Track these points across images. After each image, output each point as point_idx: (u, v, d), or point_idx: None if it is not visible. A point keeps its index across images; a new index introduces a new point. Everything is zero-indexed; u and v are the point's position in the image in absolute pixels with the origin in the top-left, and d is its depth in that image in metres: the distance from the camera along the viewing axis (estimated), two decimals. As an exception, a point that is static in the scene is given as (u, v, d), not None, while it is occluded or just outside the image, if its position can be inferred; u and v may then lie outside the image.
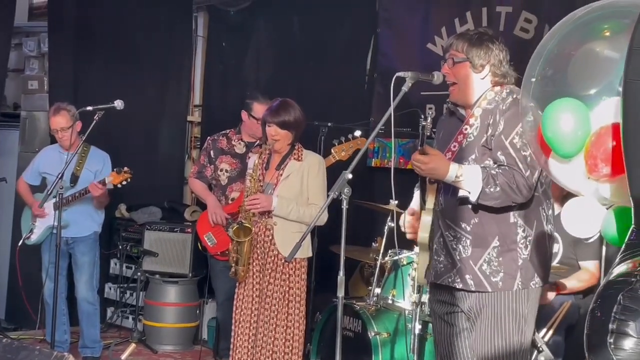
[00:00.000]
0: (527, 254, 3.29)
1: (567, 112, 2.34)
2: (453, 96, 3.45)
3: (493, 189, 3.17)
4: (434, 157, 3.23)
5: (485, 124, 3.30)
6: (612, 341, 2.02)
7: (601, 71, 2.35)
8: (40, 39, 7.20)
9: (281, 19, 6.94)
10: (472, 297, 3.33)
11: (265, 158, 4.72)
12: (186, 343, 6.43)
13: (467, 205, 3.29)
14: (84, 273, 5.58)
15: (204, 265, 6.17)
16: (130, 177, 5.29)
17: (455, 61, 3.38)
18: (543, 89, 2.45)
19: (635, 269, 2.09)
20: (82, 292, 5.59)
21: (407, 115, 5.11)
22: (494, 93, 3.36)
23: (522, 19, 5.35)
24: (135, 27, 7.12)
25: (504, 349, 3.30)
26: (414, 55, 5.96)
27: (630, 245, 2.17)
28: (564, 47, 2.42)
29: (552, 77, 2.44)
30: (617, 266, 2.16)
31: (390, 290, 4.70)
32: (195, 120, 7.66)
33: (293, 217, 4.55)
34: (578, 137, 2.34)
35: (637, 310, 2.01)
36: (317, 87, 6.52)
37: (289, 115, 4.61)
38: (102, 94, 5.79)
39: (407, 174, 5.59)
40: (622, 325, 2.01)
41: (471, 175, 3.20)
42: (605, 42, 2.36)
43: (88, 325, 5.63)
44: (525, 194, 3.21)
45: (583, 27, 2.39)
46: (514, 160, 3.19)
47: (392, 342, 4.53)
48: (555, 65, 2.44)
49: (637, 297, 2.02)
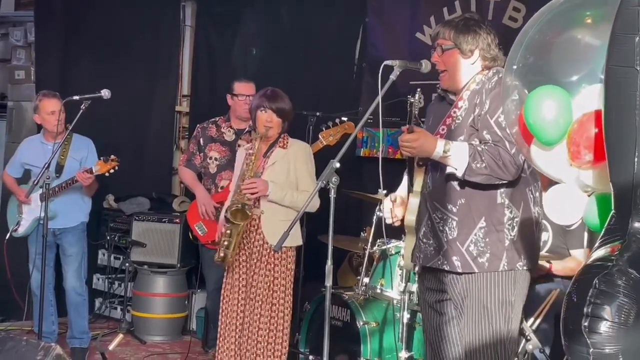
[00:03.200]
0: (513, 235, 3.30)
1: (549, 99, 2.34)
2: (444, 83, 3.46)
3: (480, 164, 3.18)
4: (420, 133, 3.25)
5: (472, 105, 3.32)
6: (586, 325, 2.02)
7: (583, 58, 2.35)
8: (27, 29, 7.15)
9: (269, 9, 6.91)
10: (459, 283, 3.34)
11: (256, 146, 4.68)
12: (175, 334, 6.43)
13: (454, 187, 3.31)
14: (72, 264, 5.55)
15: (193, 255, 6.17)
16: (117, 164, 5.26)
17: (444, 49, 3.38)
18: (524, 76, 2.45)
19: (612, 253, 2.10)
20: (71, 283, 5.56)
21: (395, 105, 5.10)
22: (482, 75, 3.38)
23: (510, 7, 5.35)
24: (123, 17, 7.07)
25: (491, 336, 3.32)
26: (403, 44, 5.96)
27: (610, 231, 2.18)
28: (545, 35, 2.42)
29: (533, 65, 2.44)
30: (595, 251, 2.17)
31: (378, 279, 4.70)
32: (184, 111, 7.64)
33: (287, 203, 4.53)
34: (560, 124, 2.34)
35: (612, 294, 2.01)
36: (306, 77, 6.51)
37: (284, 104, 4.61)
38: (89, 84, 5.74)
39: (396, 164, 5.63)
40: (597, 309, 2.01)
41: (458, 151, 3.21)
42: (587, 29, 2.36)
43: (76, 316, 5.60)
44: (512, 171, 3.21)
45: (564, 14, 2.39)
46: (500, 137, 3.20)
47: (380, 331, 4.54)
48: (537, 52, 2.43)
49: (612, 281, 2.03)
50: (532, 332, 3.84)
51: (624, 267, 2.04)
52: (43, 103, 5.45)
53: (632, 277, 2.03)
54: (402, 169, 3.61)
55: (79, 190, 5.51)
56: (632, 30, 2.06)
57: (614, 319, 1.99)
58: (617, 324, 1.99)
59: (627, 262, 2.06)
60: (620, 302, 2.00)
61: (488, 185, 3.26)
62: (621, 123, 2.10)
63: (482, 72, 3.39)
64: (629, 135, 2.08)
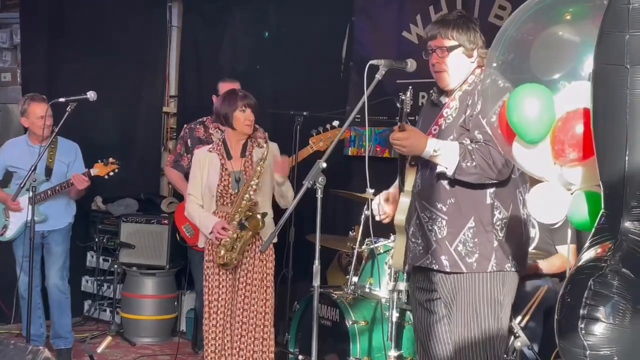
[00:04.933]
0: (502, 235, 3.30)
1: (532, 97, 2.34)
2: (443, 82, 3.40)
3: (470, 163, 3.18)
4: (411, 132, 3.25)
5: (464, 105, 3.31)
6: (582, 326, 2.02)
7: (564, 55, 2.35)
8: (12, 31, 7.13)
9: (257, 8, 6.90)
10: (449, 281, 3.35)
11: (222, 152, 4.66)
12: (164, 335, 6.42)
13: (444, 186, 3.30)
14: (56, 262, 5.53)
15: (182, 256, 6.16)
16: (117, 167, 5.26)
17: (450, 48, 3.33)
18: (504, 74, 2.44)
19: (604, 253, 2.09)
20: (54, 280, 5.52)
21: (382, 104, 5.11)
22: (474, 76, 3.37)
23: (496, 5, 5.36)
24: (109, 18, 7.05)
25: (481, 335, 3.32)
26: (390, 43, 5.95)
27: (600, 230, 2.18)
28: (524, 32, 2.41)
29: (512, 63, 2.44)
30: (586, 251, 2.17)
31: (367, 278, 4.70)
32: (171, 111, 7.62)
33: (291, 193, 4.68)
34: (543, 123, 2.34)
35: (607, 295, 2.01)
36: (293, 76, 6.50)
37: (255, 101, 4.63)
38: (76, 86, 5.70)
39: (383, 163, 5.63)
40: (593, 310, 2.01)
41: (448, 150, 3.21)
42: (567, 26, 2.36)
43: (59, 315, 5.56)
44: (503, 171, 3.21)
45: (544, 11, 2.38)
46: (491, 137, 3.17)
47: (369, 330, 4.54)
48: (516, 50, 2.43)
49: (607, 282, 2.02)
50: (521, 329, 3.85)
51: (618, 267, 2.04)
52: (32, 108, 5.41)
53: (626, 277, 2.03)
54: (390, 168, 3.62)
55: (67, 193, 5.49)
56: (622, 28, 2.05)
57: (609, 320, 1.99)
58: (613, 325, 1.99)
59: (619, 262, 2.05)
60: (615, 302, 2.00)
61: (477, 185, 3.26)
62: (611, 122, 2.10)
63: (473, 73, 3.38)
64: (620, 134, 2.07)
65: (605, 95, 2.10)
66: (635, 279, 2.02)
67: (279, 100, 6.48)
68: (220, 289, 4.59)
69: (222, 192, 4.57)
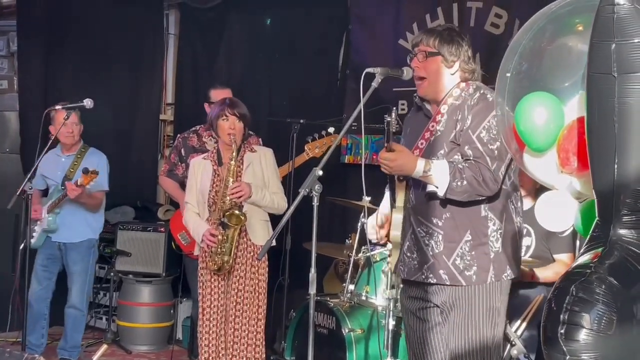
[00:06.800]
0: (498, 246, 3.31)
1: (540, 105, 2.35)
2: (422, 90, 3.45)
3: (460, 182, 3.19)
4: (400, 153, 3.26)
5: (453, 120, 3.32)
6: (562, 332, 2.01)
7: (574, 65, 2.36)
8: (9, 38, 7.13)
9: (253, 16, 6.91)
10: (445, 291, 3.35)
11: (214, 159, 4.68)
12: (160, 343, 6.40)
13: (438, 201, 3.31)
14: (75, 281, 5.57)
15: (178, 264, 6.15)
16: (95, 177, 5.26)
17: (428, 54, 3.37)
18: (518, 83, 2.45)
19: (592, 260, 2.10)
20: (72, 299, 5.59)
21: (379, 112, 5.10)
22: (460, 90, 3.38)
23: (492, 14, 5.37)
24: (106, 26, 7.06)
25: (477, 342, 3.32)
26: (386, 51, 5.97)
27: (594, 238, 2.18)
28: (537, 42, 2.43)
29: (526, 72, 2.45)
30: (579, 257, 2.17)
31: (363, 286, 4.70)
32: (168, 119, 7.62)
33: (266, 203, 4.60)
34: (550, 131, 2.34)
35: (590, 301, 2.00)
36: (290, 84, 6.51)
37: (244, 109, 4.64)
38: (73, 94, 5.72)
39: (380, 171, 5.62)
40: (575, 316, 2.00)
41: (439, 170, 3.22)
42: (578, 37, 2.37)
43: (73, 330, 5.63)
44: (492, 187, 3.22)
45: (556, 21, 2.40)
46: (481, 153, 3.21)
47: (366, 338, 4.53)
48: (530, 59, 2.45)
49: (590, 288, 2.01)
50: (517, 337, 3.85)
51: (604, 274, 2.04)
52: (58, 116, 5.45)
53: (611, 284, 2.02)
54: (386, 176, 3.61)
55: (83, 206, 5.51)
56: (608, 37, 2.07)
57: (592, 327, 1.98)
58: (596, 332, 1.98)
59: (607, 270, 2.05)
60: (599, 309, 1.99)
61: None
62: (601, 130, 2.11)
63: (458, 86, 3.39)
64: (609, 143, 2.08)
65: (597, 104, 2.11)
66: (620, 287, 2.02)
67: (276, 108, 6.48)
68: (212, 296, 4.60)
69: (214, 199, 4.58)
